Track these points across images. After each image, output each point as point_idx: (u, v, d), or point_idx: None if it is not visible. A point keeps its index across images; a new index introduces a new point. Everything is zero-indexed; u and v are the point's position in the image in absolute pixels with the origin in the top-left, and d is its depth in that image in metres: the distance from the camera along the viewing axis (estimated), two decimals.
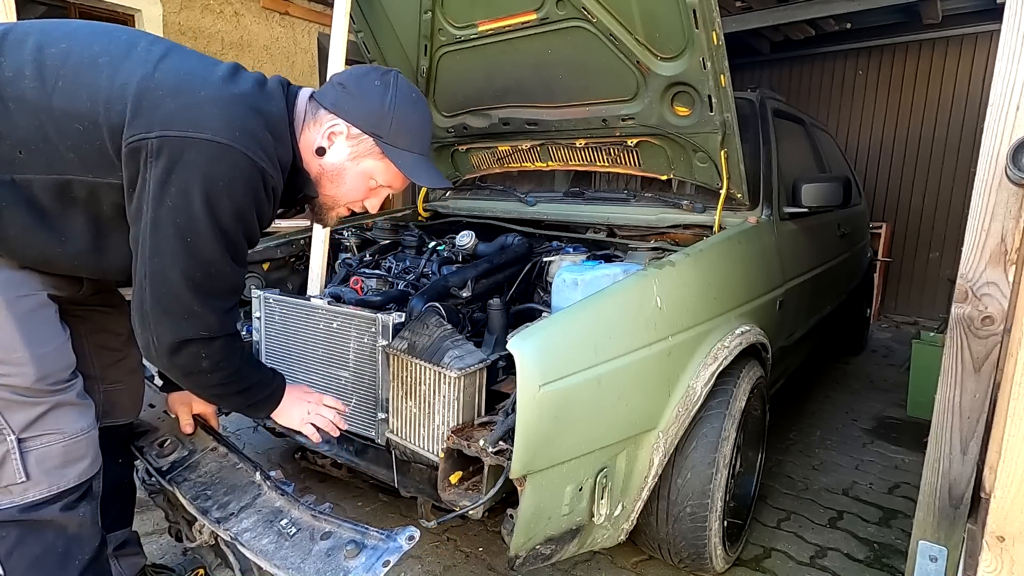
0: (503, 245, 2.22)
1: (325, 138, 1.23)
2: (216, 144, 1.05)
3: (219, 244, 1.09)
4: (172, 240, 1.06)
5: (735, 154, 2.03)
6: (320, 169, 1.26)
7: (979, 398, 1.10)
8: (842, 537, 2.18)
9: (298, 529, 1.29)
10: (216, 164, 1.05)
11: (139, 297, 1.11)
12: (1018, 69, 0.99)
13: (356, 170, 1.27)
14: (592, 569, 1.96)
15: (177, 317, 1.10)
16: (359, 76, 1.26)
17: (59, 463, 1.16)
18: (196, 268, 1.09)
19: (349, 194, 1.30)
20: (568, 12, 1.91)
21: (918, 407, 3.28)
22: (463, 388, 1.48)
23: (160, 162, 1.03)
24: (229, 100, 1.09)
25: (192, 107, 1.06)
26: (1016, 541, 0.90)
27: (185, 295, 1.09)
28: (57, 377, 1.16)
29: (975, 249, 1.06)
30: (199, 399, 1.68)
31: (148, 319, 1.11)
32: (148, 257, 1.07)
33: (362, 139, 1.24)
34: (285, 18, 5.30)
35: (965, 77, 5.40)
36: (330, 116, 1.22)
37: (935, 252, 5.66)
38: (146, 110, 1.04)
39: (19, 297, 1.11)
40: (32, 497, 1.14)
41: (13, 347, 1.09)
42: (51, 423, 1.15)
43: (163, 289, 1.09)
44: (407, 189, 6.33)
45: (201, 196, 1.05)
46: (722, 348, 1.74)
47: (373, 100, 1.23)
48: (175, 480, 1.49)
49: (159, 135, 1.03)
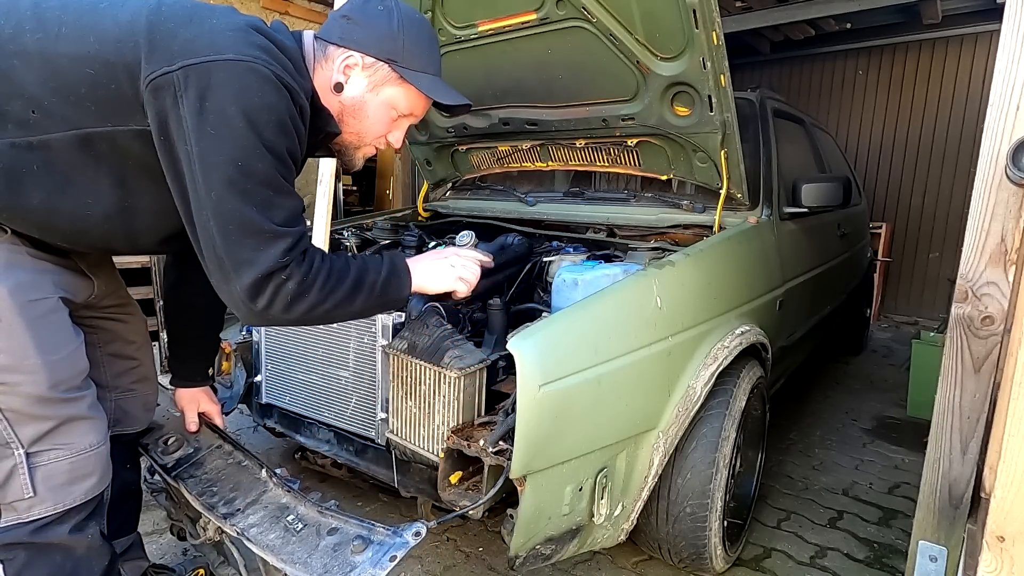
0: (503, 245, 2.21)
1: (340, 72, 1.20)
2: (240, 62, 1.00)
3: (269, 160, 1.04)
4: (224, 168, 1.00)
5: (735, 154, 2.03)
6: (340, 106, 1.23)
7: (979, 398, 1.10)
8: (842, 537, 2.18)
9: (304, 525, 1.29)
10: (246, 80, 1.01)
11: (208, 246, 1.04)
12: (1018, 69, 0.99)
13: (377, 101, 1.24)
14: (592, 569, 1.96)
15: (253, 248, 1.03)
16: (360, 5, 1.21)
17: (65, 480, 1.13)
18: (255, 190, 1.03)
19: (373, 128, 1.27)
20: (568, 12, 1.91)
21: (918, 407, 3.28)
22: (463, 388, 1.48)
23: (190, 93, 0.98)
24: (241, 26, 1.07)
25: (207, 33, 1.03)
26: (1016, 541, 0.90)
27: (255, 219, 1.03)
28: (70, 384, 1.13)
29: (975, 249, 1.06)
30: (205, 397, 1.69)
31: (226, 264, 1.04)
32: (205, 195, 1.01)
33: (378, 66, 1.20)
34: (285, 18, 5.30)
35: (965, 77, 5.40)
36: (341, 50, 1.19)
37: (935, 252, 5.66)
38: (161, 43, 1.00)
39: (31, 302, 1.08)
40: (37, 515, 1.11)
41: (25, 354, 1.06)
42: (60, 437, 1.12)
43: (232, 223, 1.02)
44: (407, 189, 6.27)
45: (240, 115, 1.00)
46: (722, 348, 1.74)
47: (381, 25, 1.19)
48: (180, 477, 1.48)
49: (182, 65, 0.98)
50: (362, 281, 1.19)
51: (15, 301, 1.05)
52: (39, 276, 1.12)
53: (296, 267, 1.07)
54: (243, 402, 2.12)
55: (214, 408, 1.70)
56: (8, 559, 1.11)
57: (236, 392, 2.07)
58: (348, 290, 1.17)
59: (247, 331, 2.10)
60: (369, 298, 1.21)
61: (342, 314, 1.21)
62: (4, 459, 1.08)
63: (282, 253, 1.05)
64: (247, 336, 2.09)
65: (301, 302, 1.09)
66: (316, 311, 1.13)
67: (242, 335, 2.12)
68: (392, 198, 5.80)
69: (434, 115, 2.60)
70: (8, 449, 1.08)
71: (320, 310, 1.13)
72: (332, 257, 1.17)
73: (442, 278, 1.34)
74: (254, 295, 1.05)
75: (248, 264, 1.03)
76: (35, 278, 1.11)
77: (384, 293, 1.23)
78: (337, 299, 1.15)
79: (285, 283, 1.06)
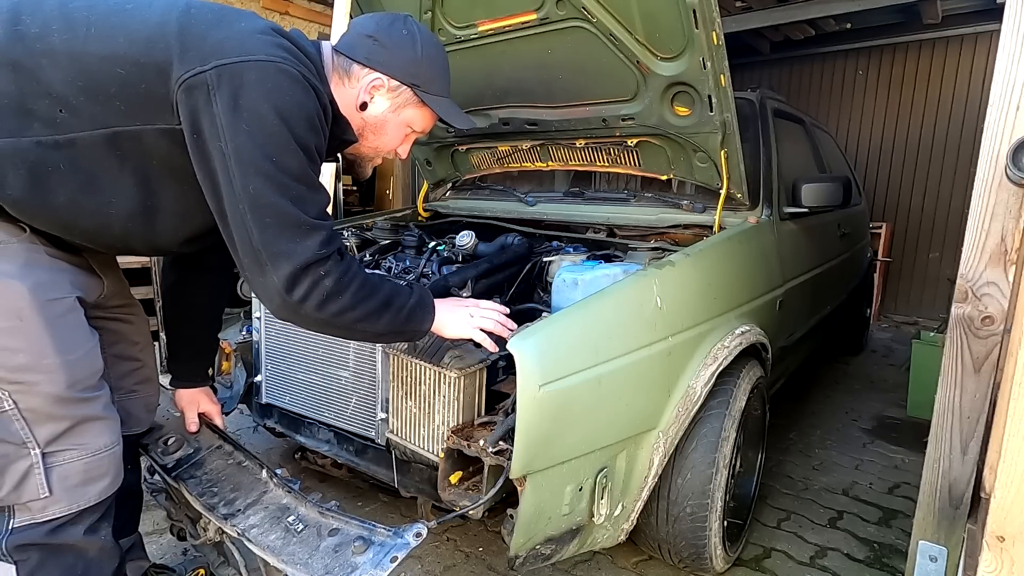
0: (503, 245, 2.22)
1: (366, 93, 1.25)
2: (271, 63, 1.04)
3: (300, 156, 1.07)
4: (260, 163, 1.03)
5: (735, 154, 2.03)
6: (363, 122, 1.29)
7: (979, 398, 1.10)
8: (842, 537, 2.18)
9: (305, 526, 1.29)
10: (277, 80, 1.04)
11: (244, 239, 1.06)
12: (1018, 69, 0.99)
13: (397, 120, 1.31)
14: (592, 569, 1.96)
15: (290, 239, 1.06)
16: (386, 27, 1.25)
17: (80, 480, 1.13)
18: (290, 185, 1.06)
19: (388, 143, 1.35)
20: (568, 12, 1.91)
21: (918, 407, 3.28)
22: (463, 388, 1.48)
23: (224, 91, 1.01)
24: (267, 29, 1.10)
25: (236, 35, 1.05)
26: (1016, 541, 0.90)
27: (291, 211, 1.05)
28: (87, 383, 1.13)
29: (975, 249, 1.06)
30: (205, 398, 1.69)
31: (262, 256, 1.05)
32: (241, 189, 1.03)
33: (401, 90, 1.27)
34: (285, 18, 5.30)
35: (965, 77, 5.39)
36: (368, 71, 1.24)
37: (935, 252, 5.66)
38: (193, 44, 1.03)
39: (50, 301, 1.08)
40: (51, 515, 1.11)
41: (44, 353, 1.06)
42: (76, 438, 1.12)
43: (269, 215, 1.04)
44: (407, 189, 6.27)
45: (273, 112, 1.03)
46: (722, 348, 1.74)
47: (407, 50, 1.25)
48: (181, 477, 1.48)
49: (215, 65, 1.01)
50: (392, 301, 1.22)
51: (35, 300, 1.06)
52: (57, 275, 1.12)
53: (335, 264, 1.11)
54: (243, 402, 2.12)
55: (214, 408, 1.70)
56: (22, 560, 1.11)
57: (236, 392, 2.07)
58: (379, 304, 1.19)
59: (247, 331, 2.10)
60: (394, 320, 1.23)
61: (366, 328, 1.22)
62: (20, 459, 1.08)
63: (319, 245, 1.08)
64: (247, 336, 2.09)
65: (335, 302, 1.11)
66: (346, 316, 1.14)
67: (242, 335, 2.12)
68: (392, 198, 5.80)
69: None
70: (25, 449, 1.08)
71: (349, 316, 1.15)
72: (368, 271, 1.21)
73: (460, 326, 1.36)
74: (291, 286, 1.07)
75: (286, 255, 1.05)
76: (54, 277, 1.11)
77: (408, 321, 1.26)
78: (367, 310, 1.17)
79: (323, 279, 1.09)
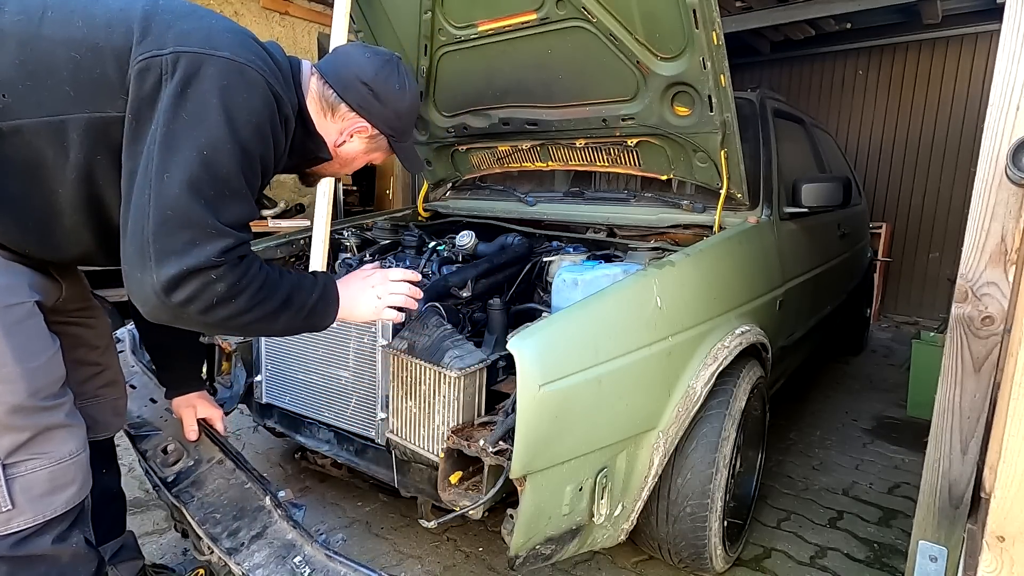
0: (503, 245, 2.22)
1: (348, 134, 1.31)
2: (235, 62, 1.02)
3: (236, 159, 1.02)
4: (186, 152, 0.97)
5: (735, 154, 2.03)
6: (335, 154, 1.34)
7: (979, 398, 1.10)
8: (842, 537, 2.18)
9: (312, 570, 1.28)
10: (236, 80, 1.02)
11: (137, 227, 0.98)
12: (1018, 69, 0.99)
13: (366, 157, 1.39)
14: (592, 569, 1.96)
15: (187, 241, 0.97)
16: (383, 78, 1.26)
17: (45, 490, 1.08)
18: (211, 184, 0.99)
19: (348, 170, 1.44)
20: (568, 12, 1.91)
21: (918, 407, 3.28)
22: (463, 388, 1.48)
23: (176, 76, 0.98)
24: (239, 31, 1.10)
25: (205, 28, 1.03)
26: (1016, 541, 0.90)
27: (198, 211, 0.98)
28: (48, 391, 1.09)
29: (975, 249, 1.06)
30: (203, 402, 1.67)
31: (148, 249, 0.96)
32: (156, 174, 0.97)
33: (380, 138, 1.35)
34: (285, 18, 5.29)
35: (965, 77, 5.39)
36: (355, 116, 1.28)
37: (935, 252, 5.66)
38: (156, 30, 1.01)
39: (8, 307, 1.04)
40: (16, 527, 1.06)
41: (3, 362, 1.02)
42: (39, 447, 1.08)
43: (172, 209, 0.96)
44: (407, 189, 6.27)
45: (220, 108, 0.99)
46: (722, 348, 1.74)
47: (397, 107, 1.30)
48: (181, 498, 1.47)
49: (174, 50, 0.99)
50: (292, 300, 1.16)
51: None
52: (13, 279, 1.08)
53: (230, 269, 1.02)
54: (243, 402, 2.12)
55: (215, 413, 1.67)
56: None
57: (236, 392, 2.07)
58: (276, 306, 1.12)
59: None
60: (294, 319, 1.17)
61: (259, 329, 1.19)
62: None
63: (219, 252, 1.00)
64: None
65: (225, 307, 1.04)
66: (236, 320, 1.07)
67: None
68: (392, 198, 5.80)
69: (435, 116, 2.61)
70: None
71: (240, 320, 1.07)
72: (269, 268, 1.13)
73: (366, 309, 1.32)
74: (171, 288, 0.98)
75: (175, 256, 0.97)
76: (10, 281, 1.07)
77: (310, 317, 1.20)
78: (263, 312, 1.10)
79: (214, 283, 1.01)
